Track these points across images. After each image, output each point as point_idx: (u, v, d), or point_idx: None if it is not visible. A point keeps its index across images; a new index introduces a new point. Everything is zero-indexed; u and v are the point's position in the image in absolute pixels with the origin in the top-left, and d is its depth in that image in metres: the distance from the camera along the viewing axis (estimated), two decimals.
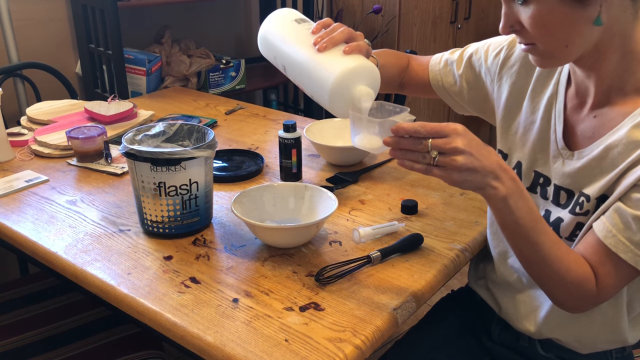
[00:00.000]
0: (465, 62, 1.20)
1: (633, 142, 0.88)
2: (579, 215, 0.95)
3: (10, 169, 1.47)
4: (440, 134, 0.83)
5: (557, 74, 1.03)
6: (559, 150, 0.99)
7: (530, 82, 1.06)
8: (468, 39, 3.24)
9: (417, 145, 0.84)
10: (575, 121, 0.99)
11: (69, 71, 2.30)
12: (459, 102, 1.23)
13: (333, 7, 3.12)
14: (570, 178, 0.97)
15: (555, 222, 0.99)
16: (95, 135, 1.48)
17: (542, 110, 1.03)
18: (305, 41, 1.03)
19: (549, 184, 1.01)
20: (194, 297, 0.98)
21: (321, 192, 1.18)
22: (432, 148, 0.83)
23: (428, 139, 0.83)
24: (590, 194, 0.93)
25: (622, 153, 0.89)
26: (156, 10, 2.50)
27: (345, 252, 1.11)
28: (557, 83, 1.02)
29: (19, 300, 1.50)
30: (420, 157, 0.84)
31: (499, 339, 1.17)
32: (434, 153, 0.83)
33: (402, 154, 0.86)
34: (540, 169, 1.03)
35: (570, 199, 0.97)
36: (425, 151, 0.84)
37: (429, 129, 0.83)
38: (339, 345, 0.87)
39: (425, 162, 0.84)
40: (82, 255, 1.11)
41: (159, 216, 1.14)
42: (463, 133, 0.83)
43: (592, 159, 0.93)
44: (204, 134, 1.20)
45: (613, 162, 0.90)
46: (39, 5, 2.21)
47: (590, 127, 0.96)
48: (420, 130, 0.83)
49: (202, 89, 2.41)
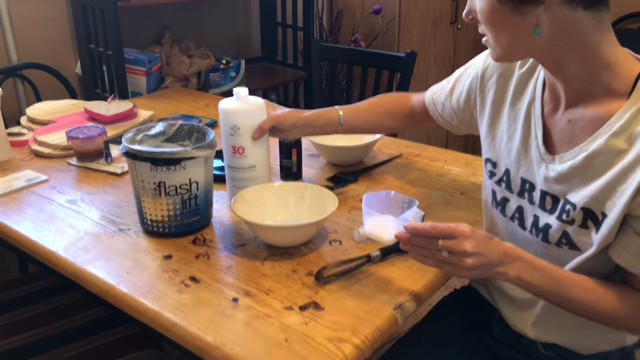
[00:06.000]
0: (452, 87, 1.24)
1: (614, 152, 0.89)
2: (565, 222, 0.96)
3: (10, 168, 1.47)
4: (449, 235, 0.88)
5: (534, 79, 1.04)
6: (541, 155, 1.00)
7: (509, 90, 1.08)
8: (468, 39, 3.24)
9: (428, 244, 0.90)
10: (552, 125, 1.00)
11: (68, 71, 2.30)
12: (456, 125, 1.28)
13: (333, 8, 3.12)
14: (555, 183, 0.97)
15: (544, 227, 1.00)
16: (95, 135, 1.48)
17: (523, 118, 1.04)
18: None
19: (535, 190, 1.02)
20: (193, 297, 0.98)
21: (321, 192, 1.18)
22: (443, 248, 0.89)
23: (438, 239, 0.89)
24: (576, 203, 0.94)
25: (605, 162, 0.90)
26: (156, 10, 2.50)
27: (345, 251, 1.11)
28: (534, 89, 1.03)
29: (19, 300, 1.50)
30: (431, 254, 0.91)
31: (501, 338, 1.17)
32: (444, 253, 0.89)
33: (413, 249, 0.93)
34: (525, 175, 1.04)
35: (556, 205, 0.98)
36: (435, 250, 0.90)
37: (439, 230, 0.89)
38: (338, 345, 0.87)
39: (436, 259, 0.91)
40: (81, 255, 1.10)
41: (159, 216, 1.13)
42: (470, 235, 0.88)
43: (575, 166, 0.94)
44: (204, 134, 1.20)
45: (596, 171, 0.91)
46: (39, 5, 2.21)
47: (567, 131, 0.97)
48: (431, 231, 0.89)
49: (202, 89, 2.41)
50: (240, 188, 1.21)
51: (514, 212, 1.06)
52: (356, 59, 2.19)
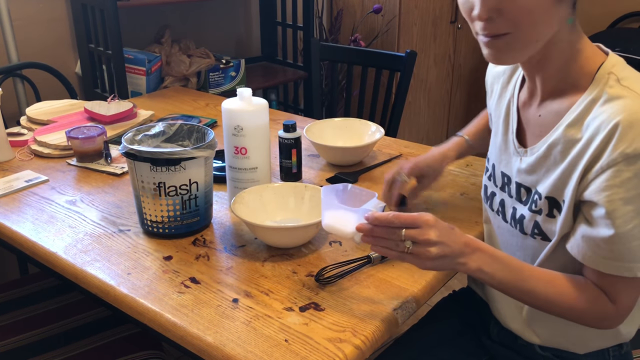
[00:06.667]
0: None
1: (570, 141, 0.91)
2: (534, 212, 0.98)
3: (10, 169, 1.47)
4: (413, 224, 0.87)
5: (516, 77, 1.07)
6: (516, 149, 1.03)
7: (497, 90, 1.11)
8: (468, 39, 3.24)
9: (390, 235, 0.88)
10: (526, 120, 1.03)
11: (68, 71, 2.30)
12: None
13: (333, 7, 3.12)
14: (526, 174, 1.00)
15: (519, 219, 1.02)
16: (95, 135, 1.48)
17: (504, 114, 1.07)
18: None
19: (511, 182, 1.05)
20: (193, 297, 0.98)
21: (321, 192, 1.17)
22: (406, 238, 0.87)
23: (401, 229, 0.87)
24: (542, 192, 0.96)
25: (562, 152, 0.92)
26: (156, 10, 2.50)
27: (345, 252, 1.11)
28: (514, 86, 1.07)
29: (19, 300, 1.50)
30: (394, 245, 0.89)
31: (498, 338, 1.17)
32: (408, 243, 0.87)
33: (375, 240, 0.90)
34: (504, 170, 1.07)
35: (529, 196, 1.00)
36: (399, 240, 0.88)
37: (402, 220, 0.87)
38: (339, 345, 0.87)
39: (398, 250, 0.89)
40: (81, 256, 1.10)
41: (159, 216, 1.13)
42: (434, 224, 0.87)
43: (539, 157, 0.97)
44: (203, 134, 1.20)
45: (555, 160, 0.94)
46: (39, 5, 2.21)
47: (537, 125, 0.99)
48: (394, 221, 0.87)
49: (202, 89, 2.41)
50: (241, 189, 1.21)
51: (497, 206, 1.09)
52: (356, 59, 2.19)
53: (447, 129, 3.41)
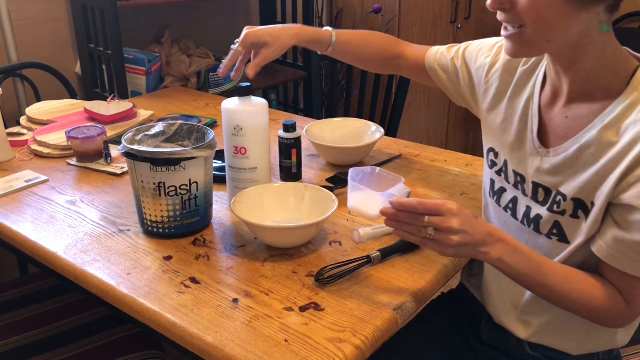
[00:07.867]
0: (461, 54, 1.25)
1: (604, 144, 0.91)
2: (556, 213, 0.98)
3: (10, 169, 1.47)
4: (436, 212, 0.88)
5: (535, 76, 1.06)
6: (536, 148, 1.02)
7: (511, 86, 1.09)
8: (468, 39, 3.20)
9: (414, 221, 0.90)
10: (548, 120, 1.02)
11: (68, 71, 2.30)
12: (449, 88, 1.27)
13: (333, 7, 3.12)
14: (548, 175, 1.00)
15: (535, 218, 1.02)
16: (95, 135, 1.48)
17: (520, 112, 1.06)
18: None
19: (525, 182, 1.04)
20: (193, 298, 0.98)
21: (321, 192, 1.18)
22: (429, 225, 0.89)
23: (425, 215, 0.88)
24: (567, 194, 0.96)
25: (595, 154, 0.92)
26: (156, 10, 2.50)
27: (345, 252, 1.11)
28: (534, 85, 1.06)
29: (19, 300, 1.50)
30: (416, 230, 0.90)
31: (488, 339, 1.17)
32: (430, 230, 0.89)
33: (398, 225, 0.92)
34: (516, 168, 1.06)
35: (548, 197, 1.00)
36: (421, 226, 0.89)
37: (426, 207, 0.88)
38: (339, 345, 0.87)
39: (420, 236, 0.90)
40: (81, 256, 1.10)
41: (159, 216, 1.13)
42: (458, 212, 0.88)
43: (567, 158, 0.96)
44: (203, 134, 1.20)
45: (586, 162, 0.93)
46: (39, 5, 2.21)
47: (563, 126, 0.99)
48: (418, 207, 0.89)
49: (202, 89, 2.41)
50: (241, 189, 1.21)
51: (508, 203, 1.08)
52: None
53: (447, 129, 3.41)
